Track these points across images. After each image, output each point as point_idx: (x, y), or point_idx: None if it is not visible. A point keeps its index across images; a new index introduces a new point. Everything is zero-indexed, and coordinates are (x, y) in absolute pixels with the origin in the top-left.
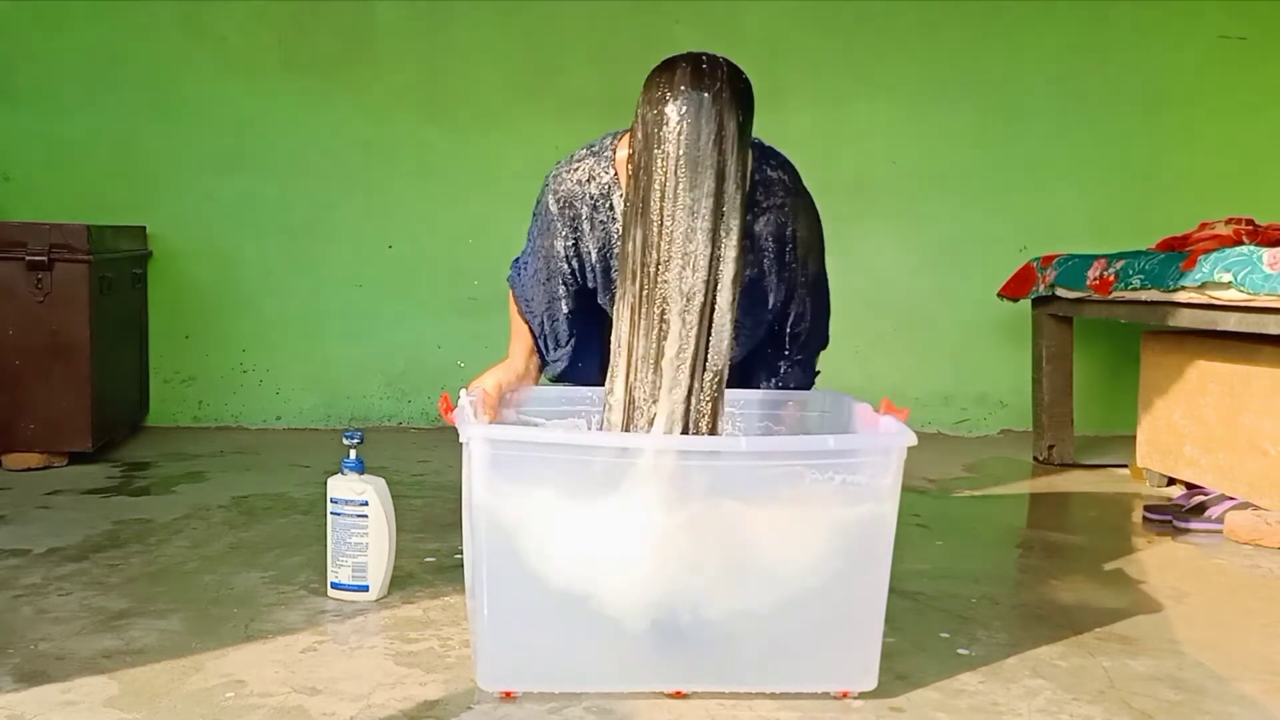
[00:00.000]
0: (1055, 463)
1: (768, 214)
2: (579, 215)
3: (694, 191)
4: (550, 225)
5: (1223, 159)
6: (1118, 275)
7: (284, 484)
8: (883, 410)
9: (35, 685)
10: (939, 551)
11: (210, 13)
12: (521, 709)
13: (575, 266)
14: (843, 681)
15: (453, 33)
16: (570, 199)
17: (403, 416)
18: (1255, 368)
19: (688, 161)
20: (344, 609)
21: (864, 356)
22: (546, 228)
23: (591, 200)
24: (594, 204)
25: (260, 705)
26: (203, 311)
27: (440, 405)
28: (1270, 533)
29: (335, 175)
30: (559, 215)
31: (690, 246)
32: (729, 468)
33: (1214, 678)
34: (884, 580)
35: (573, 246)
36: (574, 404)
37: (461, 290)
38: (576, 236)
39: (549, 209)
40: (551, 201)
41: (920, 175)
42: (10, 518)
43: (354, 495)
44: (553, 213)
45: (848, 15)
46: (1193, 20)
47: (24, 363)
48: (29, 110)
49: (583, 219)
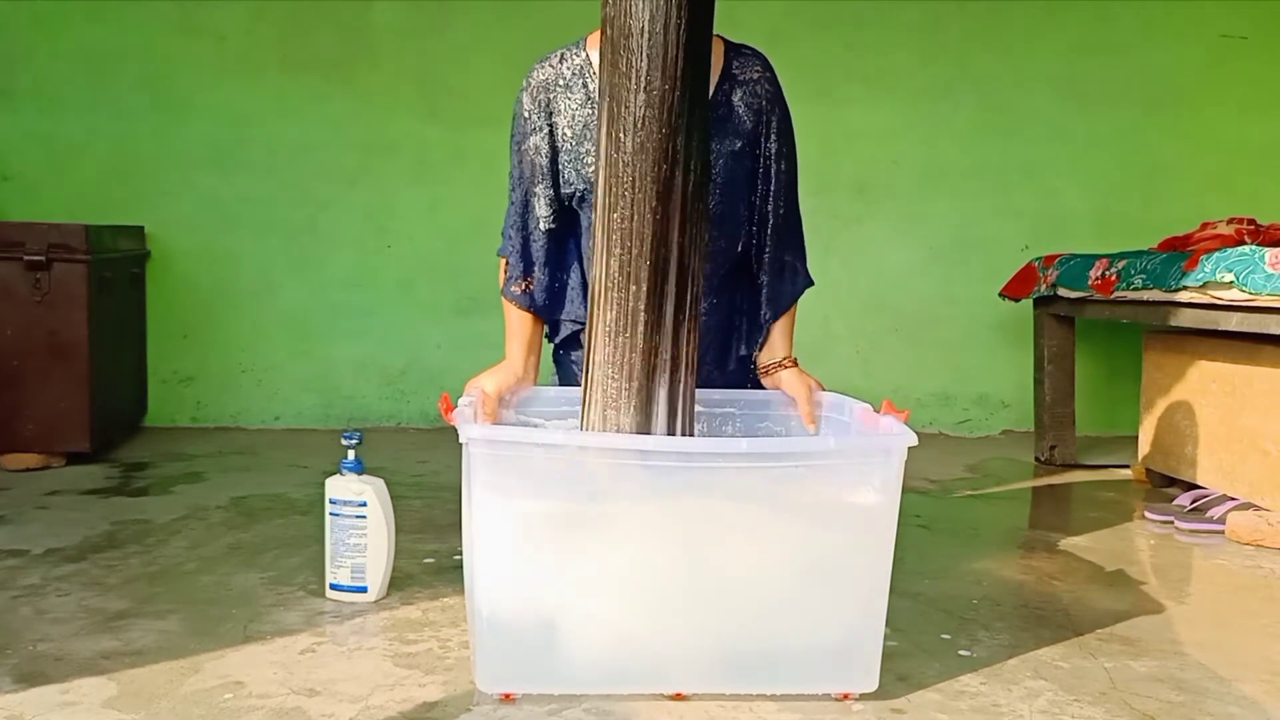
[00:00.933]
0: (1057, 463)
1: (744, 86)
2: (553, 100)
3: None
4: (525, 127)
5: (1224, 158)
6: (1119, 275)
7: (282, 484)
8: (883, 411)
9: (34, 686)
10: (940, 552)
11: (209, 12)
12: (521, 710)
13: (550, 160)
14: (844, 683)
15: (452, 32)
16: (544, 84)
17: (401, 417)
18: (1257, 368)
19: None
20: (343, 610)
21: (865, 356)
22: (522, 136)
23: (565, 81)
24: (567, 84)
25: (259, 706)
26: (201, 311)
27: (440, 405)
28: (1272, 533)
29: (334, 175)
30: (533, 108)
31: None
32: (730, 468)
33: (1215, 678)
34: (885, 581)
35: (547, 136)
36: (574, 405)
37: (460, 290)
38: (551, 125)
39: (524, 109)
40: (526, 99)
41: (921, 175)
42: (9, 518)
43: (353, 496)
44: (527, 109)
45: (848, 14)
46: (1194, 20)
47: (22, 363)
48: (28, 110)
49: (556, 101)
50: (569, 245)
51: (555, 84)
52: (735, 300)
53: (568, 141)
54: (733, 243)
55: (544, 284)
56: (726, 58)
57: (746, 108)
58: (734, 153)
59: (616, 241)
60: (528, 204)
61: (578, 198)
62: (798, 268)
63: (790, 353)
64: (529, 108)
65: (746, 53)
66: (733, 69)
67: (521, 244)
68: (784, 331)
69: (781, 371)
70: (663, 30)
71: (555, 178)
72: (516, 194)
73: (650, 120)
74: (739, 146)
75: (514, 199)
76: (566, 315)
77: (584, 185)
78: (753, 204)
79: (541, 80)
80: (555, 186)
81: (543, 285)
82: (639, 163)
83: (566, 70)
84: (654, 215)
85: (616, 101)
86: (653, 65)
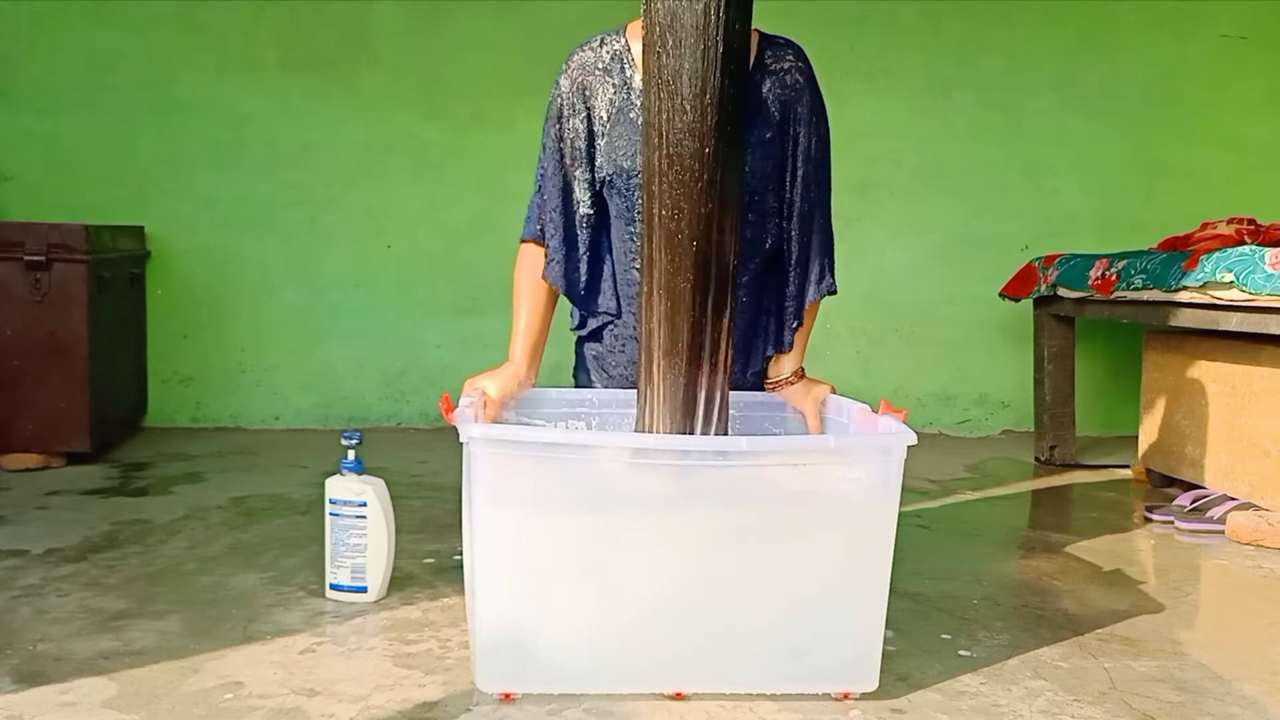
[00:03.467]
0: (1057, 463)
1: (774, 76)
2: (590, 84)
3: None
4: (564, 109)
5: (1224, 158)
6: (1119, 275)
7: (282, 485)
8: (881, 410)
9: (34, 686)
10: (940, 552)
11: (208, 12)
12: (521, 710)
13: (587, 143)
14: (843, 683)
15: (451, 31)
16: (582, 68)
17: (401, 417)
18: (1257, 368)
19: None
20: (343, 610)
21: (865, 356)
22: (563, 118)
23: (603, 66)
24: (605, 69)
25: (259, 707)
26: (201, 311)
27: (441, 405)
28: (1272, 533)
29: (333, 175)
30: (571, 91)
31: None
32: (730, 468)
33: (1215, 679)
34: (885, 581)
35: (585, 119)
36: (574, 405)
37: (460, 290)
38: (588, 109)
39: (562, 91)
40: (565, 81)
41: (922, 174)
42: (8, 518)
43: (352, 496)
44: (565, 91)
45: (848, 14)
46: (1194, 19)
47: (22, 363)
48: (28, 110)
49: (593, 85)
50: (602, 234)
51: (595, 68)
52: (763, 301)
53: (603, 125)
54: (759, 233)
55: (584, 271)
56: (760, 48)
57: (775, 98)
58: (763, 143)
59: (662, 240)
60: (568, 187)
61: (608, 183)
62: (825, 267)
63: (799, 364)
64: (567, 90)
65: (780, 42)
66: (765, 59)
67: (564, 229)
68: (798, 345)
69: (787, 388)
70: (705, 25)
71: (591, 162)
72: (554, 179)
73: (692, 118)
74: (768, 137)
75: (551, 184)
76: (599, 307)
77: (613, 170)
78: (782, 196)
79: (580, 64)
80: (592, 170)
81: (583, 273)
82: (681, 158)
83: (606, 54)
84: (700, 212)
85: (662, 93)
86: (693, 61)
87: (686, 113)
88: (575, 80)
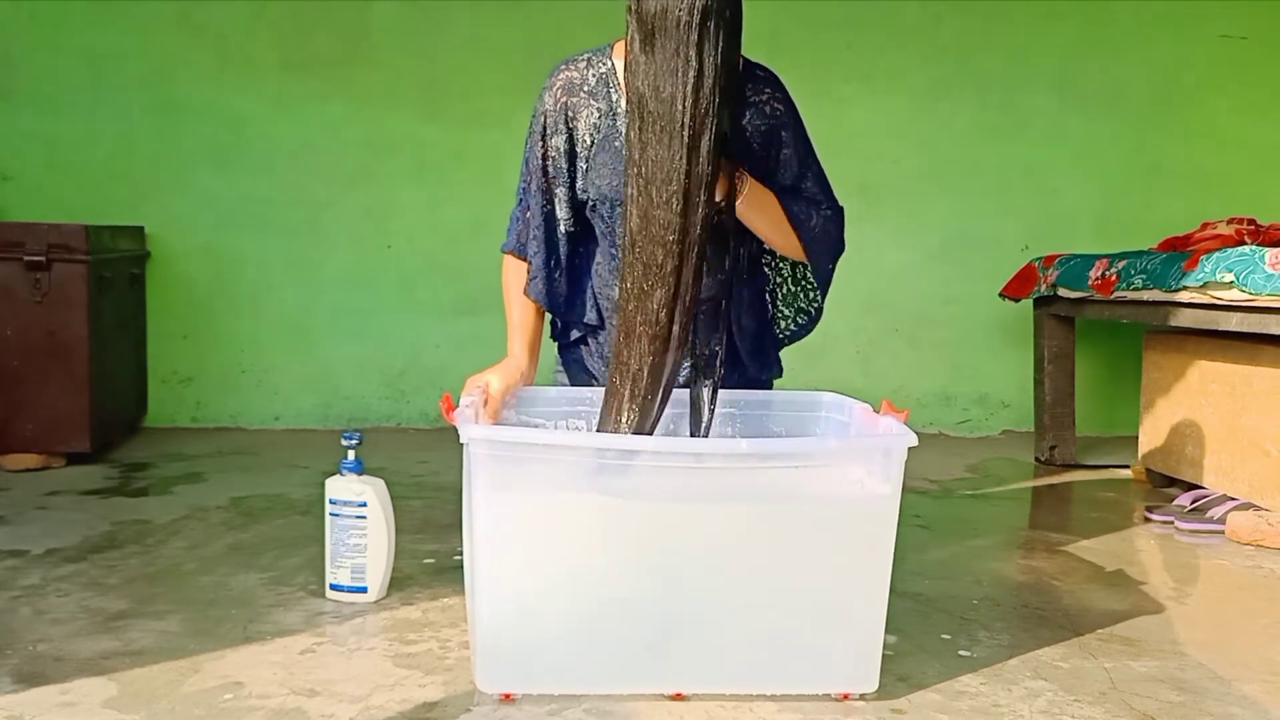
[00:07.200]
0: (1057, 463)
1: (753, 108)
2: (574, 104)
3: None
4: (547, 126)
5: (1225, 158)
6: (1119, 275)
7: (282, 485)
8: (883, 411)
9: (34, 686)
10: (940, 552)
11: (208, 12)
12: (521, 711)
13: (569, 162)
14: (844, 683)
15: (451, 31)
16: (568, 86)
17: (401, 417)
18: (1257, 368)
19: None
20: (343, 610)
21: (865, 356)
22: (545, 134)
23: (589, 89)
24: (591, 92)
25: (259, 707)
26: (201, 312)
27: (441, 405)
28: (1272, 533)
29: (334, 175)
30: (554, 109)
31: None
32: (730, 469)
33: (1215, 679)
34: (885, 581)
35: (567, 138)
36: (574, 405)
37: (460, 290)
38: (570, 129)
39: (545, 107)
40: (549, 98)
41: (922, 175)
42: (9, 518)
43: (352, 496)
44: (549, 108)
45: (848, 14)
46: (1195, 19)
47: (22, 363)
48: (28, 110)
49: (578, 106)
50: (581, 249)
51: (580, 89)
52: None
53: (586, 149)
54: (761, 245)
55: (564, 286)
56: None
57: (755, 129)
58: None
59: (639, 256)
60: (550, 204)
61: (590, 205)
62: (830, 215)
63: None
64: (550, 107)
65: (760, 74)
66: (745, 91)
67: (546, 245)
68: (768, 196)
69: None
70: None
71: (573, 181)
72: (537, 195)
73: (676, 159)
74: (749, 168)
75: (534, 200)
76: (579, 318)
77: (596, 196)
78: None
79: (565, 83)
80: (573, 189)
81: (563, 287)
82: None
83: (592, 77)
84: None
85: (644, 128)
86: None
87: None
88: (559, 100)
